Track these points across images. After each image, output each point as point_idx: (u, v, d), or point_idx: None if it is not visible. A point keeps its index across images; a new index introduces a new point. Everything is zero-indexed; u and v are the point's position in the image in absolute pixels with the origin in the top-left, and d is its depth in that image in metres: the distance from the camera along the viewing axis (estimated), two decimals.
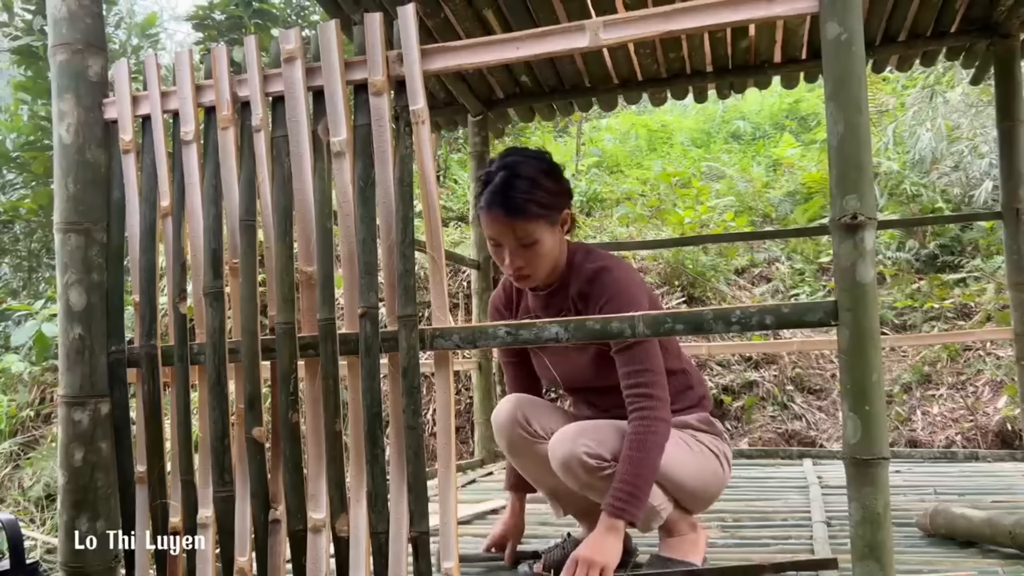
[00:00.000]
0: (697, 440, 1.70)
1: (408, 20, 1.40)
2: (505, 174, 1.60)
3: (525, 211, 1.58)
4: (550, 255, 1.63)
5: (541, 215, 1.59)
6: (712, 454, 1.70)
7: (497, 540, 1.82)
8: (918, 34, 3.08)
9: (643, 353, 1.57)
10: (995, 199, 6.08)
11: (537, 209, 1.59)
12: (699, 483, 1.67)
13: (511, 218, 1.58)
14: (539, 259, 1.62)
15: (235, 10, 8.38)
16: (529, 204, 1.58)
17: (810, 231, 5.07)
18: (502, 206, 1.58)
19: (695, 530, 1.70)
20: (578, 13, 2.68)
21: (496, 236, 1.62)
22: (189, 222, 1.54)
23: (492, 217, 1.60)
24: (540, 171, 1.62)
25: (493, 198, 1.59)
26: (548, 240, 1.62)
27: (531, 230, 1.59)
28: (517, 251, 1.61)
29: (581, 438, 1.57)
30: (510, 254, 1.62)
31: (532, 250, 1.60)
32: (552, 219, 1.62)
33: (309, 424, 1.45)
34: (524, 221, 1.58)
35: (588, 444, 1.55)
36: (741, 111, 9.98)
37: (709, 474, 1.69)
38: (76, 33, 1.59)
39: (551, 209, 1.61)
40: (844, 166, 1.19)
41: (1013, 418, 4.87)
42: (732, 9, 1.26)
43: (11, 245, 8.30)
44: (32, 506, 4.98)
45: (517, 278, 1.66)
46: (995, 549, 1.80)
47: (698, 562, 1.65)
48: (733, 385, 5.66)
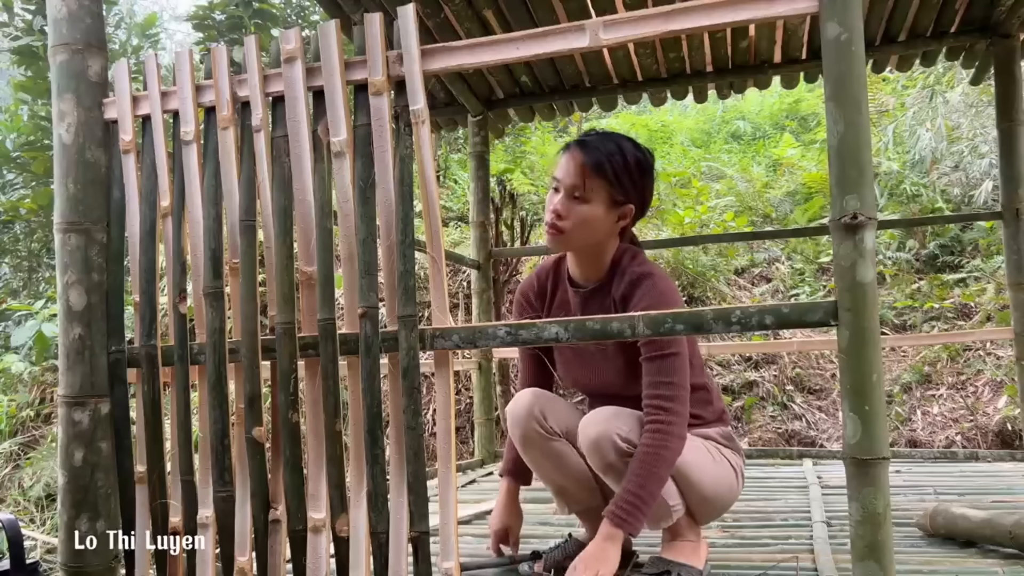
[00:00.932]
0: (720, 451, 1.70)
1: (408, 20, 1.40)
2: (604, 135, 1.65)
3: (598, 165, 1.59)
4: (590, 227, 1.62)
5: (608, 182, 1.59)
6: (731, 467, 1.70)
7: (501, 534, 1.80)
8: (918, 34, 3.08)
9: (673, 366, 1.56)
10: (995, 199, 6.09)
11: (609, 172, 1.59)
12: (714, 492, 1.66)
13: (582, 162, 1.59)
14: (581, 219, 1.60)
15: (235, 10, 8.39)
16: (606, 164, 1.59)
17: (810, 231, 5.07)
18: (582, 149, 1.61)
19: (698, 536, 1.70)
20: (578, 13, 2.68)
21: (561, 175, 1.62)
22: (189, 222, 1.54)
23: (568, 155, 1.63)
24: (636, 158, 1.63)
25: (580, 142, 1.63)
26: (599, 211, 1.61)
27: (590, 185, 1.59)
28: (567, 200, 1.61)
29: (616, 420, 1.57)
30: (560, 200, 1.62)
31: (579, 206, 1.60)
32: (616, 196, 1.61)
33: (309, 424, 1.45)
34: (591, 172, 1.59)
35: (622, 428, 1.55)
36: (741, 111, 9.98)
37: (725, 487, 1.68)
38: (76, 33, 1.59)
39: (621, 187, 1.61)
40: (844, 166, 1.19)
41: (1013, 418, 4.87)
42: (732, 9, 1.26)
43: (11, 245, 8.30)
44: (32, 506, 4.98)
45: (550, 227, 1.64)
46: (995, 549, 1.80)
47: (699, 565, 1.64)
48: (733, 385, 5.67)
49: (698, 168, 8.41)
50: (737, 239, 6.35)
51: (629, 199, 1.63)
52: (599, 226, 1.62)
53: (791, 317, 1.27)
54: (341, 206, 1.43)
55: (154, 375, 1.55)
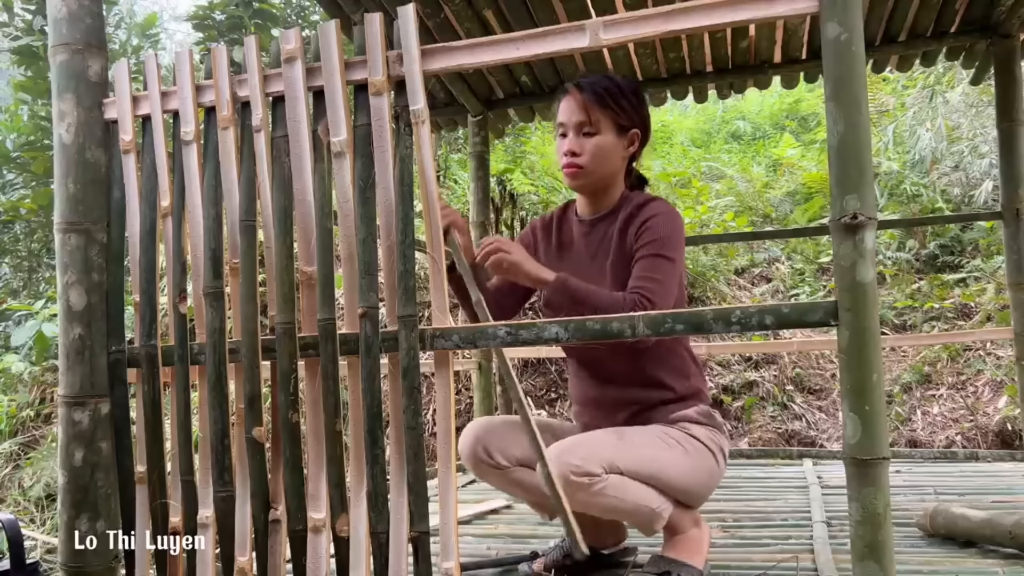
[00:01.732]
0: (691, 436, 1.68)
1: (408, 20, 1.40)
2: (595, 75, 1.72)
3: (600, 99, 1.65)
4: (605, 158, 1.67)
5: (612, 111, 1.66)
6: (707, 450, 1.68)
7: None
8: (918, 34, 3.08)
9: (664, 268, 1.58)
10: (995, 199, 6.09)
11: (612, 103, 1.65)
12: (694, 482, 1.66)
13: (584, 98, 1.65)
14: (595, 152, 1.66)
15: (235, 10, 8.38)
16: (606, 94, 1.65)
17: (810, 231, 5.07)
18: (580, 87, 1.67)
19: (698, 526, 1.70)
20: (578, 13, 2.68)
21: (565, 118, 1.68)
22: (189, 222, 1.54)
23: (568, 96, 1.68)
24: (630, 86, 1.70)
25: (577, 82, 1.69)
26: (609, 140, 1.67)
27: (597, 117, 1.65)
28: (577, 138, 1.67)
29: (566, 456, 1.51)
30: (570, 141, 1.67)
31: (591, 141, 1.66)
32: (621, 123, 1.68)
33: (309, 424, 1.45)
34: (595, 105, 1.65)
35: (574, 463, 1.50)
36: (741, 111, 9.98)
37: (704, 473, 1.67)
38: (76, 33, 1.59)
39: (623, 112, 1.67)
40: (844, 166, 1.19)
41: (1013, 418, 4.87)
42: (732, 9, 1.26)
43: (11, 245, 8.30)
44: (32, 506, 4.98)
45: (568, 167, 1.68)
46: (995, 549, 1.80)
47: (699, 564, 1.64)
48: (733, 385, 5.67)
49: (698, 168, 8.42)
50: (737, 239, 6.35)
51: (634, 123, 1.70)
52: (612, 154, 1.68)
53: (791, 317, 1.27)
54: (341, 206, 1.43)
55: (154, 375, 1.55)
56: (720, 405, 5.58)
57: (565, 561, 1.78)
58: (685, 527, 1.67)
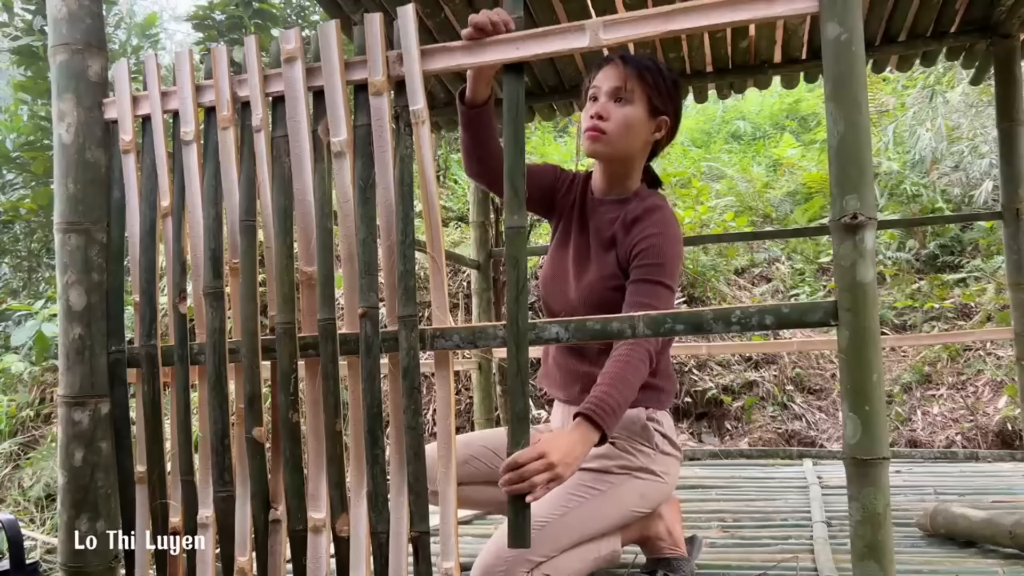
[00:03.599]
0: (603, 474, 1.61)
1: (408, 20, 1.40)
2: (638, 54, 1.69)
3: (640, 72, 1.62)
4: (631, 131, 1.63)
5: (649, 90, 1.63)
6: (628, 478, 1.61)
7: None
8: (918, 34, 3.08)
9: (662, 296, 1.55)
10: (995, 199, 6.09)
11: (650, 78, 1.63)
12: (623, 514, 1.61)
13: (626, 69, 1.62)
14: (623, 119, 1.62)
15: (235, 10, 8.38)
16: (646, 71, 1.63)
17: (810, 231, 5.07)
18: (624, 57, 1.64)
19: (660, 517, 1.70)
20: (578, 13, 2.68)
21: (600, 82, 1.64)
22: (189, 222, 1.54)
23: (611, 64, 1.65)
24: (670, 73, 1.68)
25: (622, 54, 1.68)
26: (640, 115, 1.63)
27: (634, 87, 1.62)
28: (608, 104, 1.63)
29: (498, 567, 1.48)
30: (600, 104, 1.63)
31: (621, 110, 1.62)
32: (655, 102, 1.64)
33: (309, 424, 1.45)
34: (635, 77, 1.62)
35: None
36: (741, 111, 9.98)
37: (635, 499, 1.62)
38: (76, 33, 1.59)
39: (659, 93, 1.64)
40: (844, 166, 1.19)
41: (1013, 418, 4.87)
42: (732, 9, 1.26)
43: (11, 245, 8.30)
44: (32, 506, 4.98)
45: (591, 130, 1.63)
46: (995, 549, 1.80)
47: (680, 553, 1.70)
48: (733, 385, 5.67)
49: (698, 168, 8.41)
50: (737, 239, 6.34)
51: (666, 109, 1.66)
52: (639, 131, 1.64)
53: (791, 317, 1.27)
54: (341, 206, 1.43)
55: (154, 375, 1.55)
56: (720, 405, 5.58)
57: None
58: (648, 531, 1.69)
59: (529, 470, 1.31)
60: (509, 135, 1.36)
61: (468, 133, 1.62)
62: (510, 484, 1.31)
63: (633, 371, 1.47)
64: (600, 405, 1.42)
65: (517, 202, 1.34)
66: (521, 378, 1.32)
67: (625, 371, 1.46)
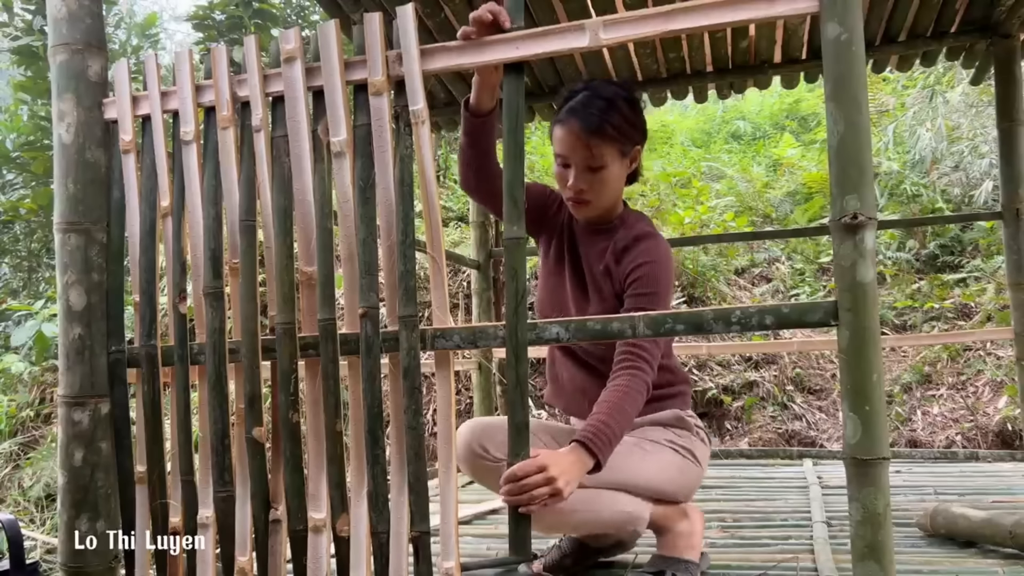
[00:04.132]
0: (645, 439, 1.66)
1: (407, 20, 1.40)
2: (588, 93, 1.61)
3: (602, 130, 1.57)
4: (611, 186, 1.63)
5: (615, 139, 1.59)
6: (671, 450, 1.67)
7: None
8: (918, 34, 3.08)
9: None
10: (995, 199, 6.09)
11: (612, 131, 1.58)
12: (662, 479, 1.64)
13: (586, 134, 1.58)
14: (603, 186, 1.62)
15: (235, 10, 8.38)
16: (606, 124, 1.58)
17: (810, 231, 5.07)
18: (579, 120, 1.58)
19: (688, 516, 1.69)
20: (578, 13, 2.68)
21: (566, 152, 1.61)
22: (189, 222, 1.54)
23: (567, 130, 1.60)
24: (622, 97, 1.62)
25: (571, 112, 1.60)
26: (615, 169, 1.62)
27: (603, 151, 1.59)
28: (583, 174, 1.61)
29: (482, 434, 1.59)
30: (575, 175, 1.61)
31: (598, 175, 1.60)
32: (624, 148, 1.62)
33: (309, 424, 1.45)
34: (599, 139, 1.58)
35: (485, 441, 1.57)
36: (741, 111, 9.98)
37: (673, 469, 1.66)
38: (76, 33, 1.59)
39: (625, 137, 1.61)
40: (844, 166, 1.19)
41: (1013, 418, 4.87)
42: (732, 9, 1.26)
43: (11, 245, 8.30)
44: (32, 506, 4.98)
45: (575, 203, 1.64)
46: (995, 549, 1.80)
47: (694, 557, 1.65)
48: (733, 385, 5.67)
49: (698, 168, 8.41)
50: (737, 239, 6.35)
51: (633, 140, 1.64)
52: (618, 183, 1.65)
53: (791, 317, 1.27)
54: (341, 206, 1.43)
55: (154, 375, 1.55)
56: (720, 405, 5.58)
57: (564, 561, 1.78)
58: (673, 523, 1.67)
59: (529, 483, 1.32)
60: (509, 145, 1.36)
61: (469, 141, 1.60)
62: (510, 495, 1.33)
63: (631, 401, 1.49)
64: (597, 434, 1.43)
65: (516, 213, 1.34)
66: (521, 389, 1.33)
67: (623, 401, 1.48)
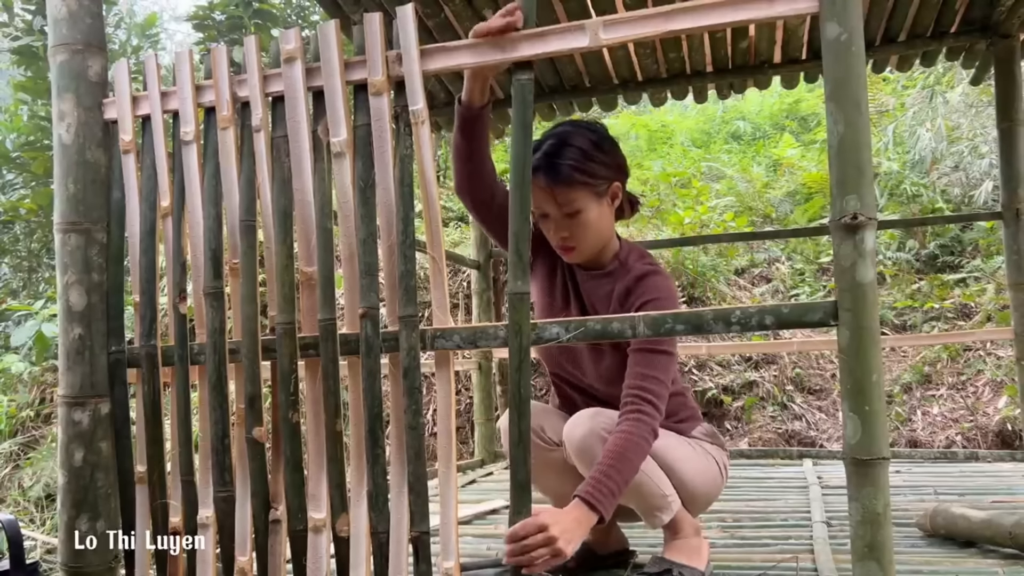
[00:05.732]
0: (701, 446, 1.73)
1: (407, 20, 1.40)
2: (553, 142, 1.61)
3: (568, 178, 1.57)
4: (596, 228, 1.62)
5: (585, 183, 1.58)
6: (714, 461, 1.72)
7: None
8: (918, 34, 3.08)
9: (663, 364, 1.55)
10: (995, 199, 6.08)
11: (580, 176, 1.57)
12: (701, 482, 1.68)
13: (553, 184, 1.57)
14: (583, 230, 1.61)
15: (235, 10, 8.39)
16: (573, 171, 1.57)
17: (810, 231, 5.07)
18: (545, 172, 1.58)
19: (699, 535, 1.70)
20: (578, 13, 2.68)
21: (539, 205, 1.61)
22: (189, 222, 1.54)
23: (535, 184, 1.58)
24: (589, 141, 1.61)
25: (537, 164, 1.59)
26: (593, 211, 1.60)
27: (573, 198, 1.58)
28: (561, 221, 1.61)
29: (599, 418, 1.56)
30: (555, 225, 1.62)
31: (576, 220, 1.59)
32: (598, 189, 1.61)
33: (309, 424, 1.45)
34: (566, 188, 1.57)
35: (606, 424, 1.54)
36: (741, 111, 9.97)
37: (710, 477, 1.70)
38: (76, 33, 1.59)
39: (597, 179, 1.60)
40: (844, 166, 1.19)
41: (1013, 418, 4.87)
42: (732, 9, 1.26)
43: (11, 245, 8.30)
44: (32, 506, 4.98)
45: (563, 251, 1.64)
46: (995, 549, 1.80)
47: (701, 566, 1.64)
48: (733, 385, 5.66)
49: (698, 168, 8.41)
50: (737, 239, 6.34)
51: (608, 179, 1.63)
52: (602, 224, 1.63)
53: (791, 317, 1.27)
54: (341, 206, 1.43)
55: (154, 375, 1.55)
56: (720, 405, 5.58)
57: (567, 563, 1.77)
58: (687, 531, 1.67)
59: (530, 543, 1.32)
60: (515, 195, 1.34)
61: (462, 137, 1.57)
62: (511, 556, 1.33)
63: (635, 449, 1.48)
64: (598, 488, 1.43)
65: (521, 267, 1.33)
66: (524, 446, 1.33)
67: (627, 450, 1.47)
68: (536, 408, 1.69)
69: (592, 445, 1.54)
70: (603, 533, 1.77)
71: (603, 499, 1.42)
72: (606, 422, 1.55)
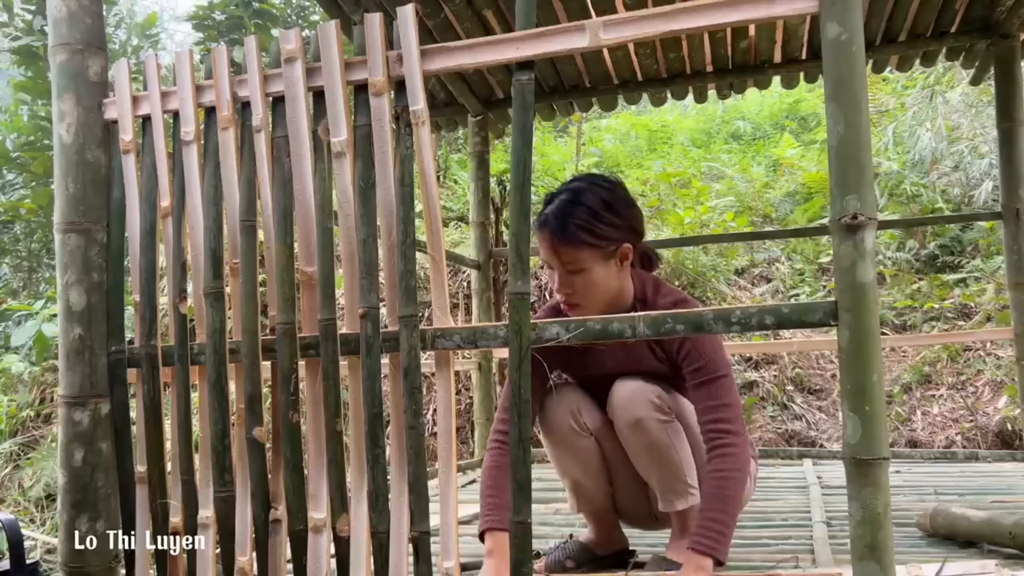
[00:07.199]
0: None
1: (408, 20, 1.40)
2: (566, 197, 1.61)
3: (573, 237, 1.57)
4: (601, 287, 1.60)
5: (591, 244, 1.57)
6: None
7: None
8: (918, 34, 3.08)
9: (725, 388, 1.56)
10: (995, 199, 6.08)
11: (587, 237, 1.57)
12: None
13: (557, 242, 1.58)
14: (587, 288, 1.60)
15: (235, 10, 8.39)
16: (579, 231, 1.56)
17: (810, 231, 5.07)
18: (551, 228, 1.59)
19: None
20: (578, 13, 2.68)
21: (545, 258, 1.63)
22: (189, 222, 1.54)
23: (541, 237, 1.61)
24: (602, 200, 1.60)
25: (545, 219, 1.60)
26: (599, 271, 1.59)
27: (578, 257, 1.57)
28: (565, 276, 1.61)
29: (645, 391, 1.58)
30: (559, 279, 1.62)
31: (580, 278, 1.59)
32: (606, 251, 1.59)
33: (310, 424, 1.45)
34: (570, 247, 1.57)
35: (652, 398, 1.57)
36: (741, 111, 9.97)
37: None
38: (76, 33, 1.59)
39: (605, 240, 1.58)
40: (844, 166, 1.19)
41: (1013, 418, 4.87)
42: (732, 9, 1.26)
43: (11, 245, 8.30)
44: (32, 506, 4.98)
45: (566, 305, 1.64)
46: (995, 549, 1.80)
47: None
48: None
49: (698, 168, 8.41)
50: (737, 239, 6.34)
51: (617, 240, 1.61)
52: (609, 282, 1.61)
53: (791, 317, 1.27)
54: (341, 206, 1.43)
55: (154, 375, 1.55)
56: None
57: (567, 562, 1.77)
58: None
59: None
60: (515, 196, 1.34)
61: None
62: None
63: (733, 484, 1.50)
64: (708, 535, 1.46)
65: (521, 267, 1.33)
66: (523, 446, 1.33)
67: (724, 488, 1.50)
68: (577, 392, 1.70)
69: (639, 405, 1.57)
70: (604, 533, 1.78)
71: (715, 544, 1.46)
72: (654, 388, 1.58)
